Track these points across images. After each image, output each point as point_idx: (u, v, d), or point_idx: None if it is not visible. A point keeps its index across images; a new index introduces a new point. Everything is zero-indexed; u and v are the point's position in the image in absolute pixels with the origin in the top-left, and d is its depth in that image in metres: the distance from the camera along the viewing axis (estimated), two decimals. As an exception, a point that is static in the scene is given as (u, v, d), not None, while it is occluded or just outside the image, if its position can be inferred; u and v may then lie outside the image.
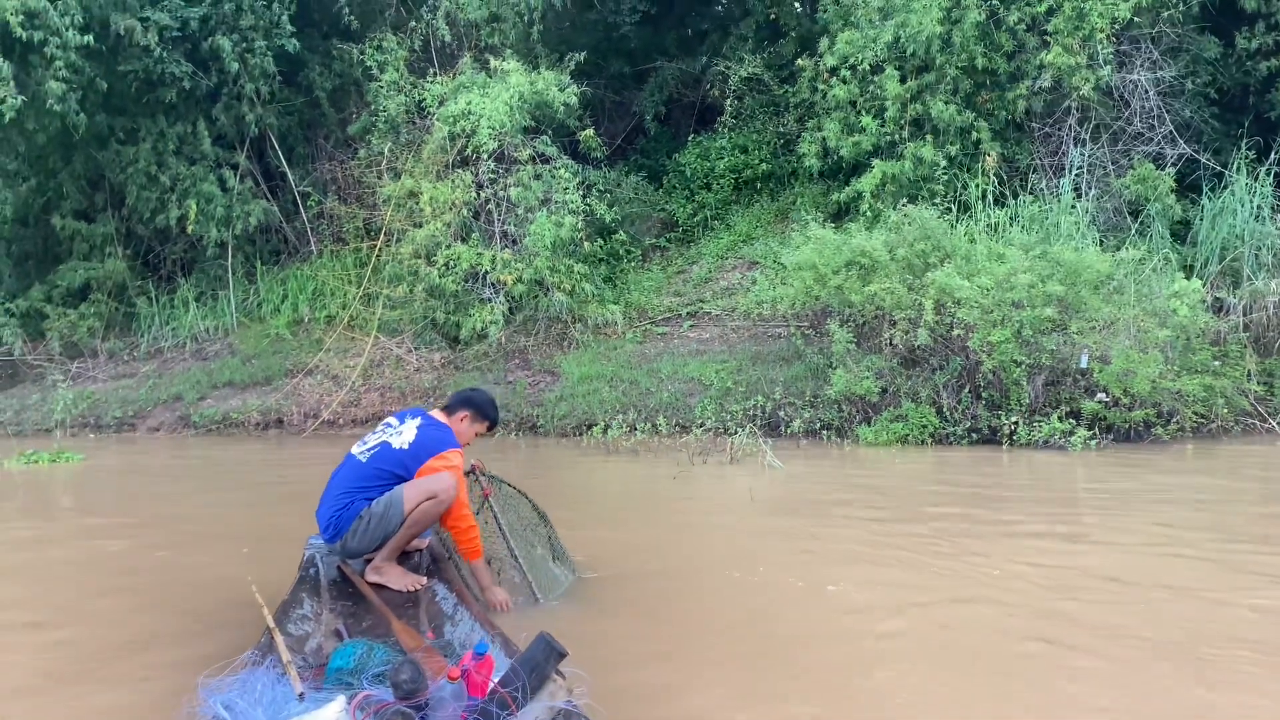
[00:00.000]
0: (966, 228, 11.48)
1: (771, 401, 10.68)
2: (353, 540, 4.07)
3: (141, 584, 5.05)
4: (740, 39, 15.80)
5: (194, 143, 14.57)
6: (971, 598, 4.40)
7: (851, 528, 6.08)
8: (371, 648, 3.39)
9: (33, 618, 4.53)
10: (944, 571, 4.81)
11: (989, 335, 9.35)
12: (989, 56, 12.43)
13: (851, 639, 3.90)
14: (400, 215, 13.76)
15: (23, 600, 4.88)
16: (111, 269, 15.06)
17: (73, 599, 4.88)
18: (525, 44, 14.42)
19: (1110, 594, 4.35)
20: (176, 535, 6.33)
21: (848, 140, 13.00)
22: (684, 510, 6.96)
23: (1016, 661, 3.58)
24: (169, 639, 4.02)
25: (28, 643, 4.16)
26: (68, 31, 12.29)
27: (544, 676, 3.25)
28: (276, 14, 14.15)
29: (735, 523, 6.37)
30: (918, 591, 4.50)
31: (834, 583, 4.65)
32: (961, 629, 3.96)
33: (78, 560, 5.73)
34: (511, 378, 12.34)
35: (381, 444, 4.22)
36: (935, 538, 5.59)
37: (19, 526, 7.14)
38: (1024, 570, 4.78)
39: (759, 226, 14.51)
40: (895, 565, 4.97)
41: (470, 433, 4.39)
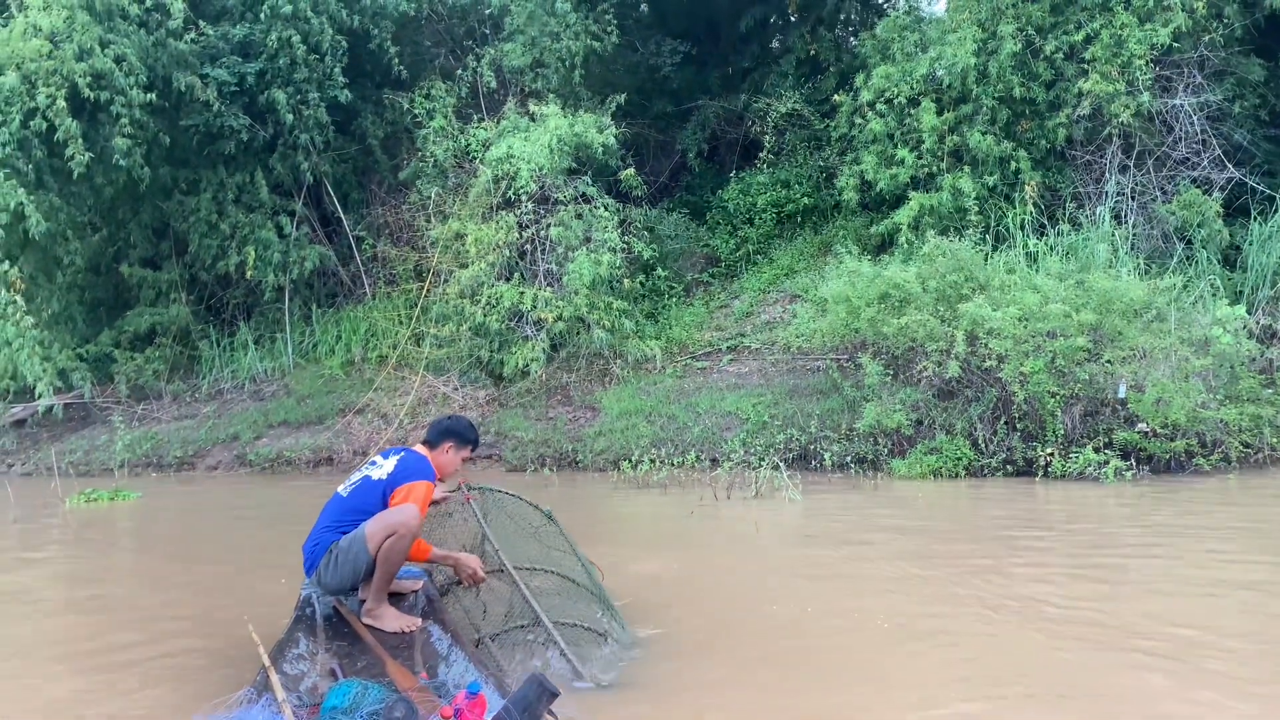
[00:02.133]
0: (1005, 258, 11.44)
1: (806, 435, 10.70)
2: (325, 575, 4.22)
3: (153, 618, 5.30)
4: (781, 75, 15.99)
5: (252, 191, 15.14)
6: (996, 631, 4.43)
7: (858, 562, 6.12)
8: (366, 687, 3.48)
9: (39, 648, 4.77)
10: (960, 607, 4.83)
11: (1021, 366, 9.29)
12: (1027, 86, 12.41)
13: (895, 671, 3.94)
14: (448, 257, 14.13)
15: (32, 633, 5.12)
16: (176, 314, 15.68)
17: (90, 629, 5.13)
18: (568, 88, 14.74)
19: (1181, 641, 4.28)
20: (202, 572, 6.63)
21: (885, 173, 13.04)
22: (685, 543, 7.07)
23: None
24: (170, 674, 4.22)
25: (31, 673, 4.39)
26: (132, 90, 12.93)
27: (536, 716, 3.36)
28: (329, 67, 14.70)
29: (735, 557, 6.46)
30: (951, 621, 4.54)
31: (836, 613, 4.70)
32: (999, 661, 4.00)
33: (101, 594, 6.02)
34: (553, 414, 12.54)
35: (363, 479, 4.37)
36: (954, 571, 5.60)
37: (54, 561, 7.52)
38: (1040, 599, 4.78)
39: (801, 260, 14.57)
40: (914, 596, 5.01)
41: (456, 460, 4.50)
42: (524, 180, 13.05)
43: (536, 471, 11.30)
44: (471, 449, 4.57)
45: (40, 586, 6.56)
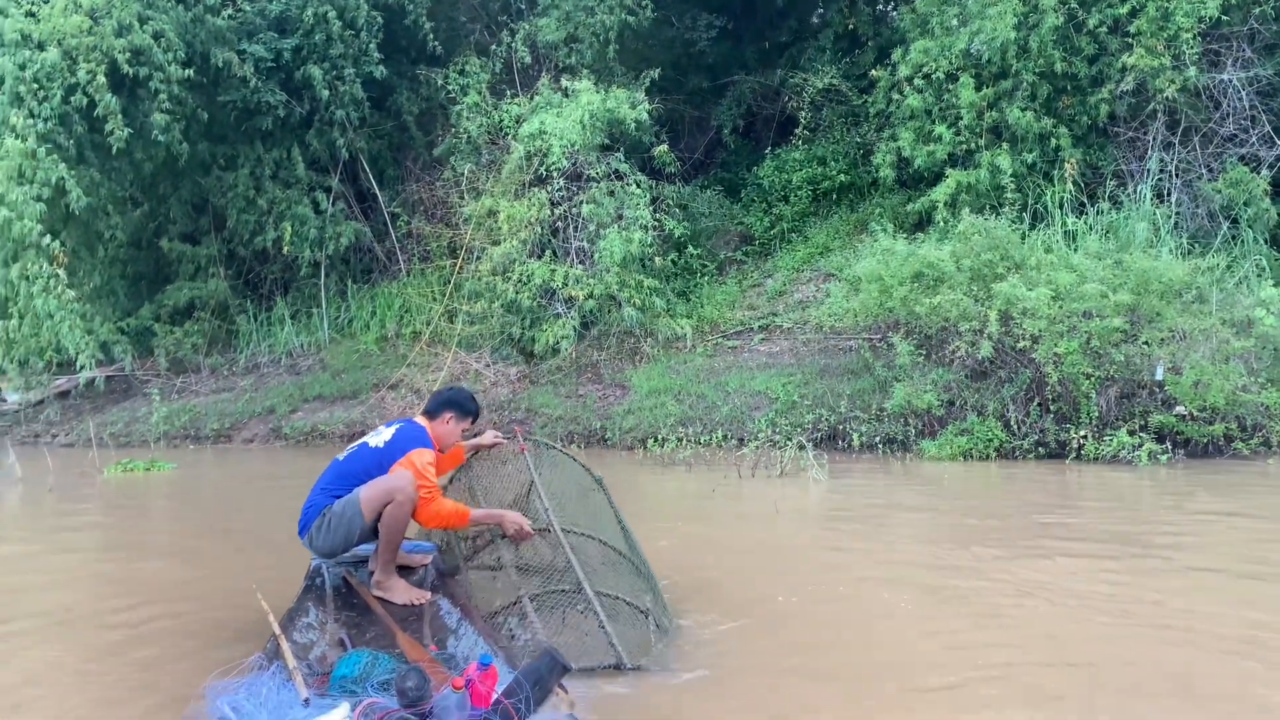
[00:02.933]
0: (1043, 237, 11.24)
1: (836, 415, 10.62)
2: (317, 538, 4.22)
3: (173, 585, 5.39)
4: (819, 50, 15.77)
5: (289, 168, 15.26)
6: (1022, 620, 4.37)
7: (878, 542, 6.07)
8: (376, 657, 3.50)
9: (53, 614, 4.86)
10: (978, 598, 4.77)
11: (1055, 347, 9.13)
12: (1068, 61, 12.12)
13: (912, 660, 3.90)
14: (480, 233, 14.16)
15: (49, 598, 5.22)
16: (214, 289, 15.88)
17: (104, 596, 5.22)
18: (602, 63, 14.66)
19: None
20: (227, 542, 6.72)
21: (922, 150, 12.83)
22: (704, 521, 7.05)
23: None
24: (184, 641, 4.30)
25: (44, 640, 4.47)
26: (170, 66, 13.06)
27: (547, 690, 3.35)
28: (365, 42, 14.74)
29: (752, 535, 6.42)
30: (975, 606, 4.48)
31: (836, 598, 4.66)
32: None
33: (123, 561, 6.13)
34: (583, 391, 12.55)
35: (360, 445, 4.39)
36: (980, 554, 5.54)
37: (83, 530, 7.66)
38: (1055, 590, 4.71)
39: (837, 238, 14.41)
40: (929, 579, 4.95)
41: (456, 431, 4.48)
42: (556, 157, 13.02)
43: (564, 448, 11.31)
44: (472, 420, 4.55)
45: (65, 554, 6.69)
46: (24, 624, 4.80)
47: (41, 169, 12.14)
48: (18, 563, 6.43)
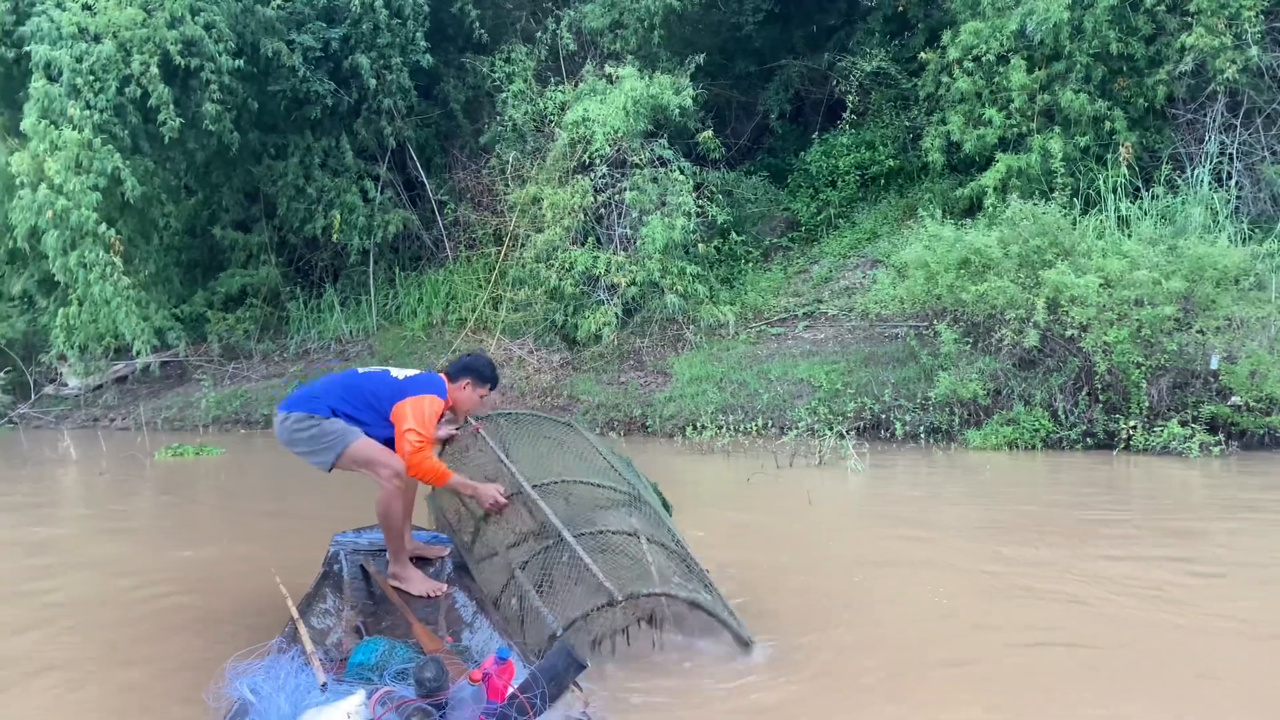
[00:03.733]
0: (1095, 222, 10.97)
1: (880, 404, 10.49)
2: (297, 432, 4.20)
3: (196, 567, 5.50)
4: (867, 33, 15.52)
5: (338, 156, 15.43)
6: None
7: (912, 533, 5.98)
8: (393, 646, 3.53)
9: (80, 593, 4.97)
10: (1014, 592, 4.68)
11: (1104, 335, 8.92)
12: (1124, 41, 11.79)
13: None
14: (525, 221, 14.20)
15: (69, 585, 5.33)
16: (266, 276, 16.14)
17: (132, 576, 5.33)
18: (647, 49, 14.58)
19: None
20: (258, 525, 6.81)
21: (972, 134, 12.58)
22: (736, 509, 7.01)
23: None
24: (207, 623, 4.39)
25: (68, 617, 4.58)
26: (221, 57, 13.26)
27: (563, 686, 3.35)
28: (411, 31, 14.82)
29: (781, 524, 6.37)
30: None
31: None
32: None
33: (156, 542, 6.27)
34: (625, 378, 12.55)
35: (384, 370, 4.39)
36: (1001, 546, 5.44)
37: (122, 513, 7.84)
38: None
39: (885, 224, 14.20)
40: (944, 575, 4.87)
41: (474, 397, 4.44)
42: (599, 143, 12.99)
43: (603, 435, 11.33)
44: (490, 388, 4.50)
45: (103, 536, 6.86)
46: (51, 600, 4.93)
47: (98, 159, 12.40)
48: (58, 543, 6.62)
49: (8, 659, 4.03)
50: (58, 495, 8.98)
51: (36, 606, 4.90)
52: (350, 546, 4.46)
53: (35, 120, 12.28)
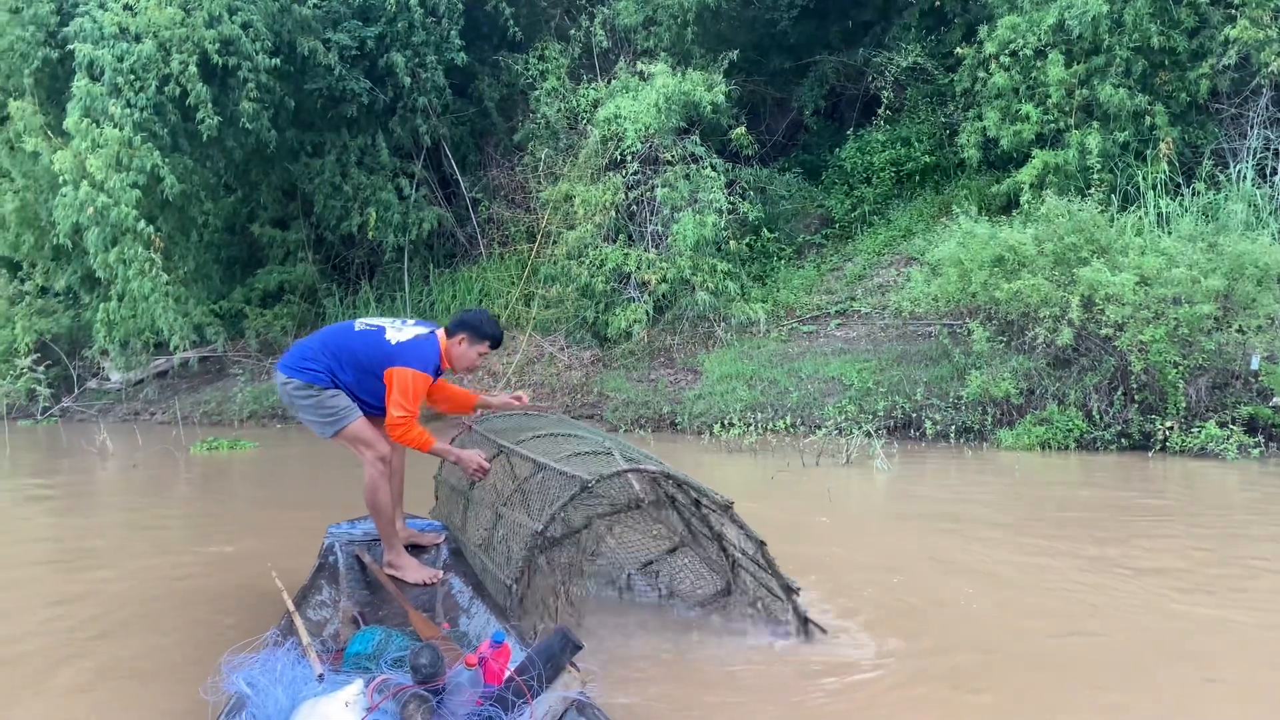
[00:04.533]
0: (1133, 219, 10.76)
1: (911, 403, 10.37)
2: (297, 398, 4.27)
3: (201, 560, 5.55)
4: (903, 28, 15.36)
5: (374, 154, 15.57)
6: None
7: (930, 533, 5.89)
8: (389, 635, 3.54)
9: (73, 595, 4.97)
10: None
11: (1139, 334, 8.73)
12: (1166, 34, 11.55)
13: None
14: (557, 218, 14.23)
15: (73, 577, 5.37)
16: (303, 273, 16.32)
17: (137, 569, 5.38)
18: (680, 45, 14.54)
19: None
20: (276, 518, 6.85)
21: (1008, 130, 12.40)
22: (754, 505, 6.92)
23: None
24: (201, 617, 4.41)
25: (66, 613, 4.60)
26: (258, 55, 13.43)
27: (559, 668, 3.35)
28: (446, 29, 14.92)
29: (798, 522, 6.30)
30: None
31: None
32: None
33: (168, 534, 6.35)
34: (654, 375, 12.52)
35: (379, 330, 4.32)
36: (1030, 549, 5.33)
37: (145, 506, 7.94)
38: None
39: (920, 221, 14.04)
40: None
41: (472, 354, 4.35)
42: (630, 140, 12.98)
43: (631, 432, 11.32)
44: (490, 345, 4.39)
45: (116, 528, 6.97)
46: (44, 591, 4.99)
47: (138, 157, 12.60)
48: (67, 535, 6.73)
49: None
50: (87, 487, 9.12)
51: (28, 596, 4.95)
52: (345, 537, 4.49)
53: (78, 119, 12.50)
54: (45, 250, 15.33)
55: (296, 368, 4.30)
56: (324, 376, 4.25)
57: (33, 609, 4.73)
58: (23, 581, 5.30)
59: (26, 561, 5.84)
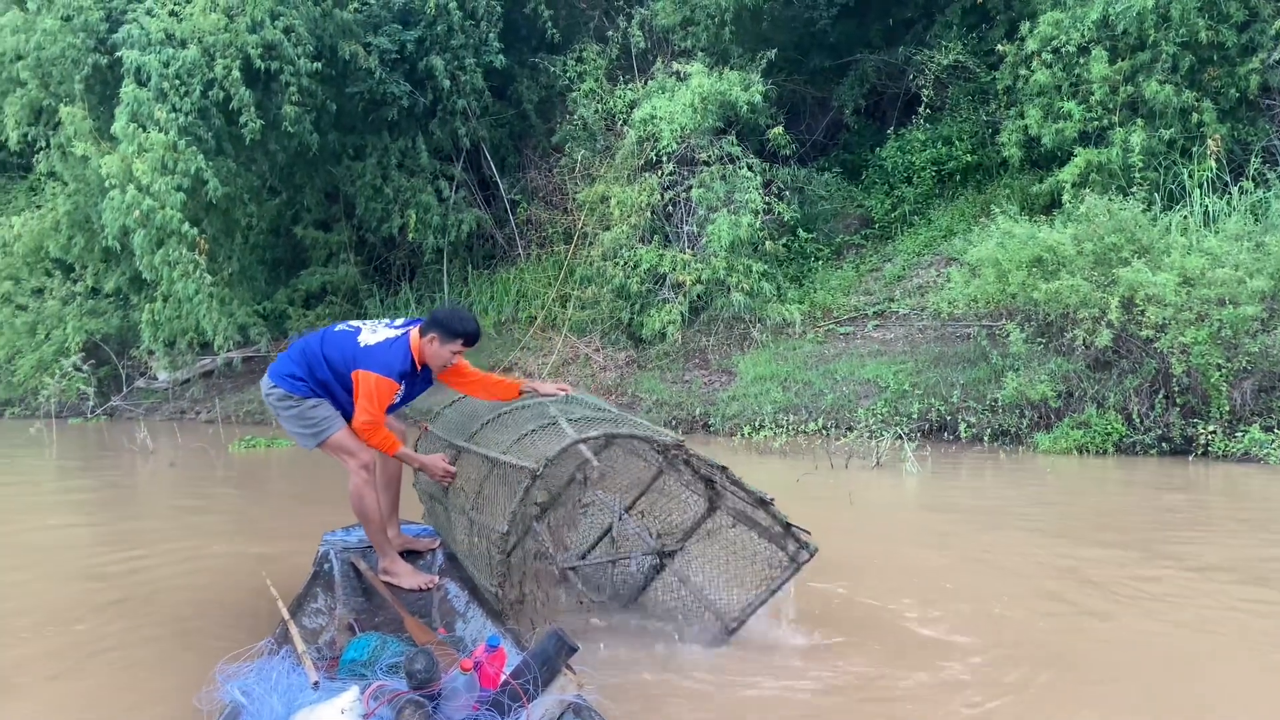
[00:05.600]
0: (1177, 218, 10.49)
1: (947, 405, 10.22)
2: (279, 406, 4.31)
3: (201, 566, 5.57)
4: (945, 26, 15.14)
5: (414, 156, 15.71)
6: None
7: (948, 539, 5.79)
8: (385, 641, 3.55)
9: (83, 593, 5.02)
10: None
11: (1181, 335, 8.51)
12: (1214, 29, 11.26)
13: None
14: (593, 219, 14.25)
15: (64, 586, 5.39)
16: (345, 274, 16.53)
17: (139, 573, 5.41)
18: (718, 45, 14.48)
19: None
20: (289, 520, 6.89)
21: (1050, 128, 12.17)
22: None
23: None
24: (197, 626, 4.42)
25: (64, 620, 4.59)
26: (300, 60, 13.62)
27: (555, 670, 3.35)
28: (484, 32, 15.02)
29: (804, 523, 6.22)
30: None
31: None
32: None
33: (182, 538, 6.40)
34: (689, 377, 12.48)
35: (355, 331, 4.33)
36: (1051, 557, 5.22)
37: (171, 507, 8.04)
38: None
39: (961, 221, 13.83)
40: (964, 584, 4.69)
41: (444, 352, 4.27)
42: (666, 141, 12.95)
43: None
44: (462, 343, 4.31)
45: (143, 525, 7.06)
46: (51, 599, 5.03)
47: (182, 160, 12.84)
48: (78, 537, 6.81)
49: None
50: (120, 484, 9.31)
51: (19, 600, 5.01)
52: (340, 545, 4.51)
53: (125, 123, 12.77)
54: (95, 252, 15.68)
55: (281, 375, 4.32)
56: (304, 386, 4.26)
57: (25, 613, 4.75)
58: (17, 582, 5.35)
59: (28, 559, 5.90)
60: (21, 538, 6.70)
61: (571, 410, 4.05)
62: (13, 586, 5.31)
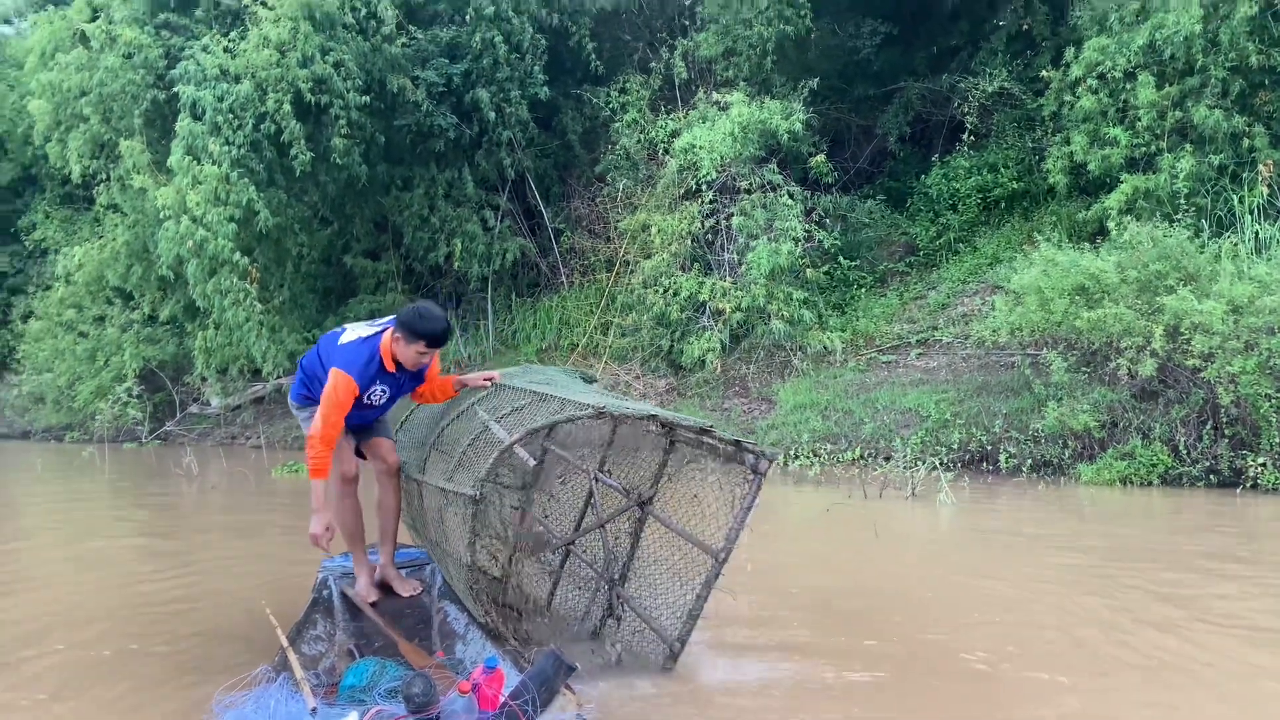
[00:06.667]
0: (1229, 245, 10.25)
1: (990, 435, 10.05)
2: (299, 417, 4.41)
3: (207, 593, 5.63)
4: (990, 53, 15.04)
5: (460, 187, 15.95)
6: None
7: (965, 575, 5.67)
8: (384, 665, 3.56)
9: (73, 621, 5.05)
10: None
11: (1228, 365, 8.29)
12: (1265, 53, 11.05)
13: None
14: (635, 247, 14.32)
15: (74, 604, 5.47)
16: (392, 302, 16.74)
17: (144, 601, 5.47)
18: (760, 75, 14.53)
19: None
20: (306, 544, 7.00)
21: (1096, 154, 11.99)
22: (786, 538, 6.79)
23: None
24: (201, 652, 4.45)
25: (58, 648, 4.61)
26: (350, 94, 13.94)
27: (553, 691, 3.37)
28: (529, 65, 15.25)
29: (821, 557, 6.14)
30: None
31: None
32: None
33: (194, 565, 6.47)
34: (728, 405, 12.44)
35: (340, 332, 4.33)
36: (1067, 592, 5.09)
37: (179, 527, 8.12)
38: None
39: (1007, 248, 13.66)
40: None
41: (409, 352, 4.15)
42: (706, 169, 13.00)
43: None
44: (425, 343, 4.14)
45: (169, 546, 7.16)
46: (48, 622, 5.10)
47: (234, 192, 13.19)
48: (100, 558, 6.92)
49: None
50: (157, 506, 9.49)
51: (35, 614, 5.10)
52: (339, 571, 4.53)
53: (180, 156, 13.16)
54: (152, 281, 16.11)
55: (294, 388, 4.42)
56: (304, 396, 4.32)
57: (30, 632, 4.82)
58: (34, 601, 5.43)
59: (45, 574, 5.98)
60: (44, 554, 6.86)
61: (501, 405, 4.02)
62: (28, 605, 5.42)
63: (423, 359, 4.22)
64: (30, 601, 5.53)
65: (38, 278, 21.44)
